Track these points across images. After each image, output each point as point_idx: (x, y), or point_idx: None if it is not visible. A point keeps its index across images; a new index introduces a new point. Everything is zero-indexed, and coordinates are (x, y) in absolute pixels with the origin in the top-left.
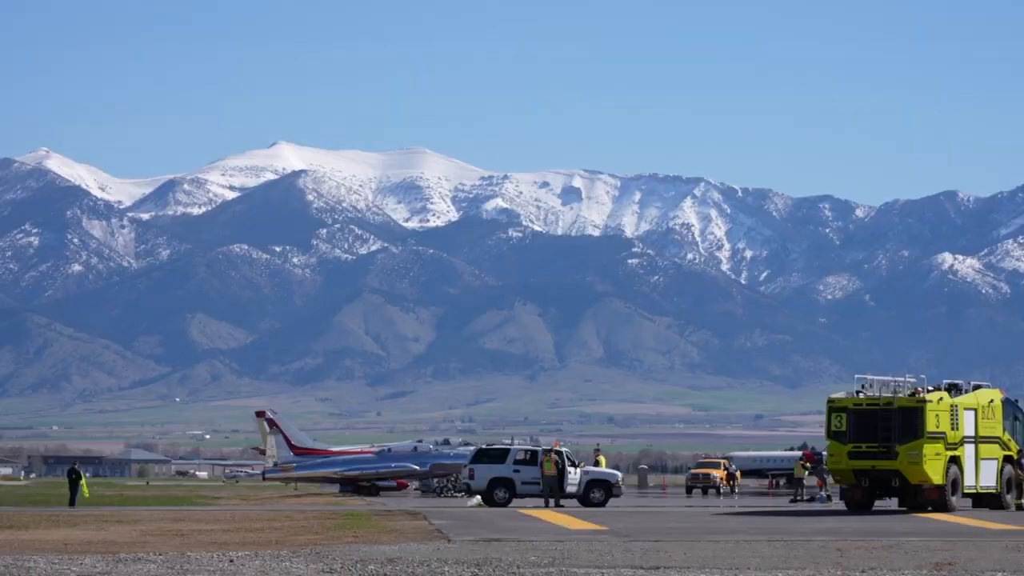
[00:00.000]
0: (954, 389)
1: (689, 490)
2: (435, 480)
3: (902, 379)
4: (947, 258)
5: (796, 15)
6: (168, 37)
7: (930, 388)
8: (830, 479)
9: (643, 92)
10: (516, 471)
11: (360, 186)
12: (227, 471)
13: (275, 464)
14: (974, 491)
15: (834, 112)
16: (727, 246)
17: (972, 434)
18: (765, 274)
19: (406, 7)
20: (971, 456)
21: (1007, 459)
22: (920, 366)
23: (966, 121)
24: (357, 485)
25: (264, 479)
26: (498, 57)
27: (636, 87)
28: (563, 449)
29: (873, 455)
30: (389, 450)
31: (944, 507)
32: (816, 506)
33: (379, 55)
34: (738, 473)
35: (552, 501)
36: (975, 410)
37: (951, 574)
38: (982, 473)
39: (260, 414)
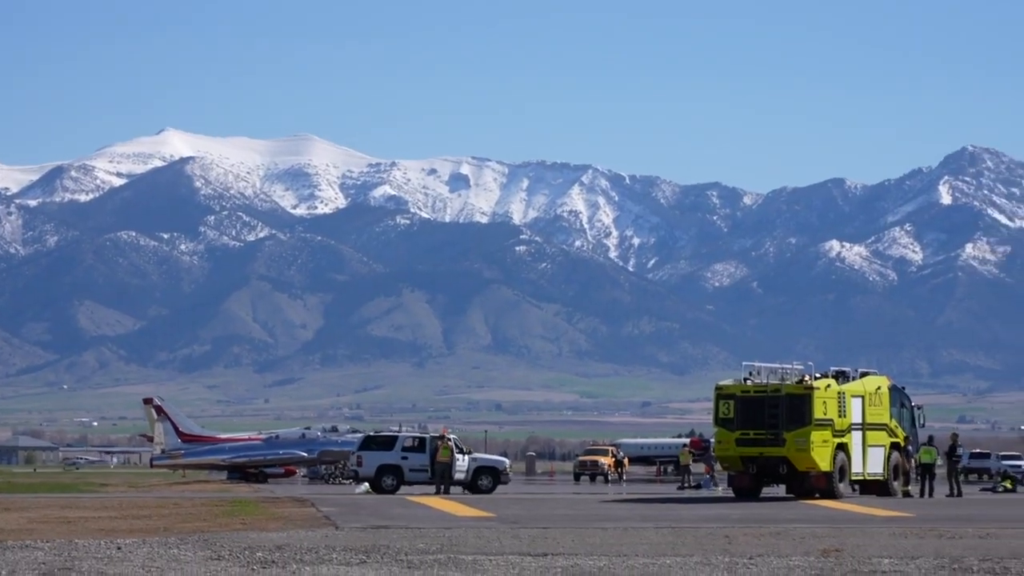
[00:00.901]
0: (841, 376)
1: (577, 477)
2: (323, 467)
3: (790, 366)
4: (834, 245)
5: (678, 1)
6: (54, 23)
7: (817, 375)
8: (718, 466)
9: (531, 79)
10: (404, 458)
11: (248, 173)
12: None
13: (163, 451)
14: (861, 478)
15: (722, 99)
16: (615, 233)
17: (859, 421)
18: (653, 261)
19: None
20: (858, 443)
21: (894, 446)
22: (807, 353)
23: (853, 109)
24: (245, 472)
25: (152, 466)
26: (385, 44)
27: (523, 74)
28: (451, 436)
29: (760, 442)
30: (277, 437)
31: (831, 494)
32: (704, 493)
33: (267, 42)
34: (626, 460)
35: (443, 488)
36: (862, 397)
37: (838, 560)
38: (869, 460)
39: (148, 401)
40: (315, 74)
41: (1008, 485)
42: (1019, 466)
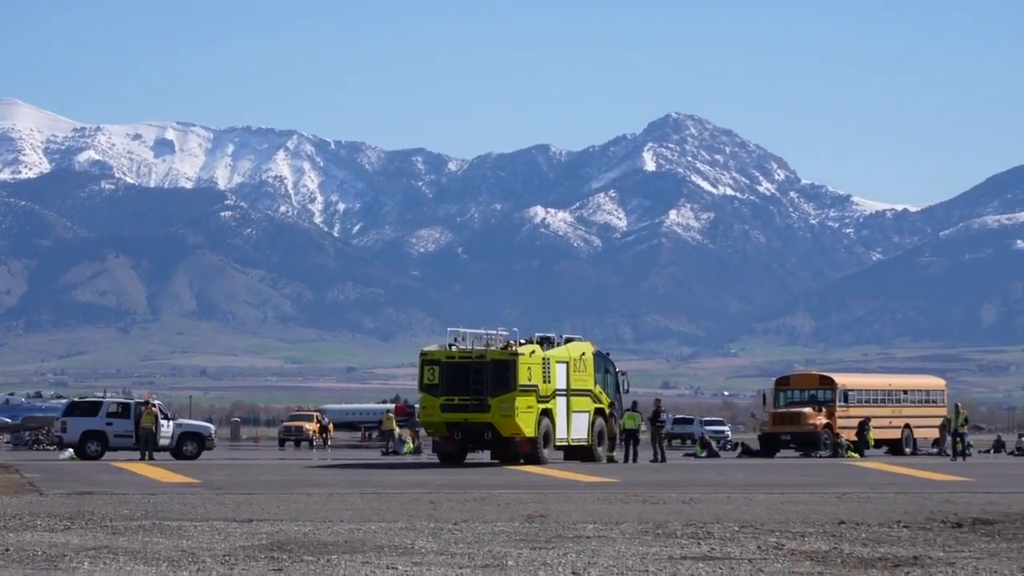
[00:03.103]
0: (546, 342)
1: (282, 443)
2: (27, 433)
3: (494, 332)
4: (539, 211)
5: None
6: None
7: (522, 341)
8: (423, 431)
9: (235, 43)
10: (109, 424)
11: None
12: None
13: None
14: (566, 443)
15: (426, 64)
16: (320, 199)
17: (564, 387)
18: (358, 227)
19: None
20: (563, 409)
21: (598, 412)
22: (512, 319)
23: (558, 75)
24: None
25: None
26: (89, 6)
27: (228, 38)
28: (156, 402)
29: (465, 408)
30: None
31: (536, 459)
32: (408, 459)
33: None
34: (331, 426)
35: (147, 454)
36: (567, 363)
37: (543, 525)
38: (574, 426)
39: None
40: (19, 37)
41: (700, 452)
42: (722, 431)
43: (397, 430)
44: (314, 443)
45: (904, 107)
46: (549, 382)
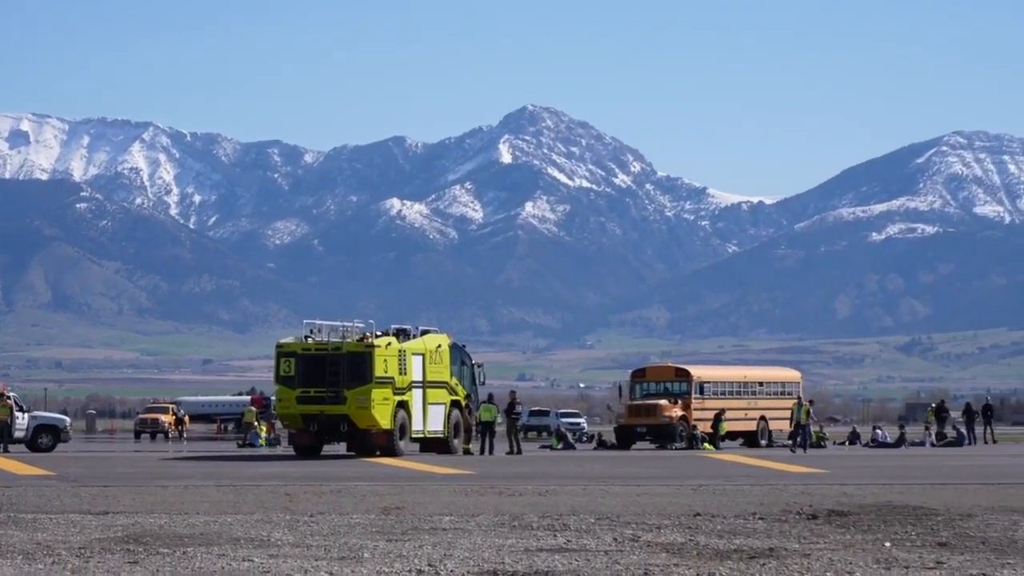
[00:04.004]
0: (402, 334)
1: (137, 435)
2: None
3: (351, 324)
4: (395, 203)
5: None
6: None
7: (378, 333)
8: (279, 424)
9: (91, 33)
10: None
11: None
12: None
13: None
14: (422, 436)
15: (281, 55)
16: (176, 190)
17: (420, 379)
18: (214, 219)
19: None
20: (419, 401)
21: (454, 404)
22: (369, 311)
23: (414, 66)
24: None
25: None
26: None
27: (82, 28)
28: (11, 394)
29: (322, 400)
30: None
31: (392, 452)
32: (264, 451)
33: None
34: (187, 418)
35: (2, 446)
36: (423, 355)
37: (399, 518)
38: (430, 418)
39: None
40: None
41: (556, 444)
42: (578, 424)
43: (256, 423)
44: (170, 435)
45: (759, 100)
46: (405, 374)
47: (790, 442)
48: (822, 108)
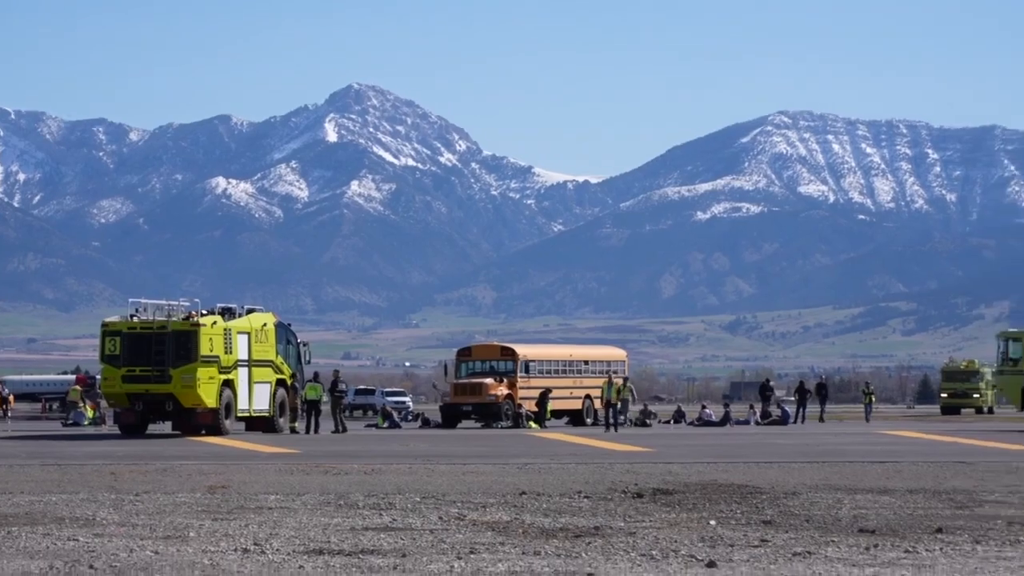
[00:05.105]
0: (228, 313)
1: None
2: None
3: (176, 303)
4: (221, 182)
5: None
6: None
7: (204, 312)
8: (104, 403)
9: None
10: None
11: None
12: None
13: None
14: (248, 414)
15: (105, 32)
16: (0, 169)
17: (246, 358)
18: (39, 197)
19: None
20: (245, 380)
21: (280, 383)
22: (194, 290)
23: (239, 45)
24: None
25: None
26: None
27: None
28: None
29: (147, 379)
30: None
31: (218, 430)
32: (89, 430)
33: None
34: (11, 397)
35: None
36: (249, 334)
37: (224, 497)
38: (255, 397)
39: None
40: None
41: (381, 423)
42: (404, 402)
43: (81, 402)
44: None
45: (585, 79)
46: (231, 353)
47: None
48: (648, 87)
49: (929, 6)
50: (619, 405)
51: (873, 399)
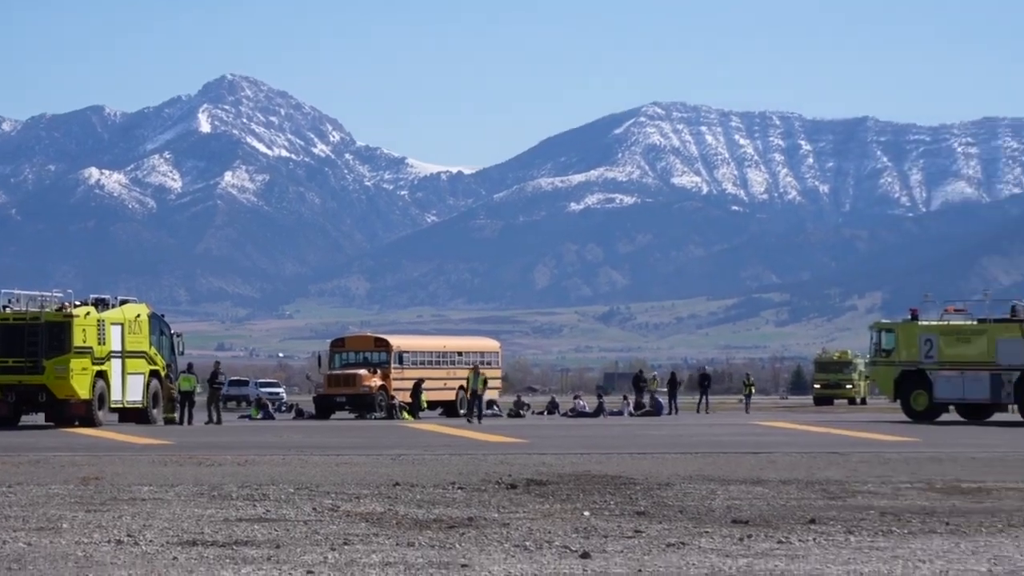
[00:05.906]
0: (101, 304)
1: None
2: None
3: (49, 294)
4: (93, 172)
5: None
6: None
7: (77, 303)
8: None
9: None
10: None
11: None
12: None
13: None
14: (121, 406)
15: None
16: None
17: (119, 349)
18: None
19: None
20: (118, 371)
21: (154, 374)
22: (67, 281)
23: (112, 34)
24: None
25: None
26: None
27: None
28: None
29: (20, 370)
30: None
31: (91, 422)
32: None
33: None
34: None
35: None
36: (122, 325)
37: (98, 488)
38: (129, 388)
39: None
40: None
41: (255, 414)
42: (278, 393)
43: None
44: None
45: (457, 70)
46: (104, 344)
47: (489, 411)
48: (521, 78)
49: None
50: (482, 395)
51: (753, 390)
